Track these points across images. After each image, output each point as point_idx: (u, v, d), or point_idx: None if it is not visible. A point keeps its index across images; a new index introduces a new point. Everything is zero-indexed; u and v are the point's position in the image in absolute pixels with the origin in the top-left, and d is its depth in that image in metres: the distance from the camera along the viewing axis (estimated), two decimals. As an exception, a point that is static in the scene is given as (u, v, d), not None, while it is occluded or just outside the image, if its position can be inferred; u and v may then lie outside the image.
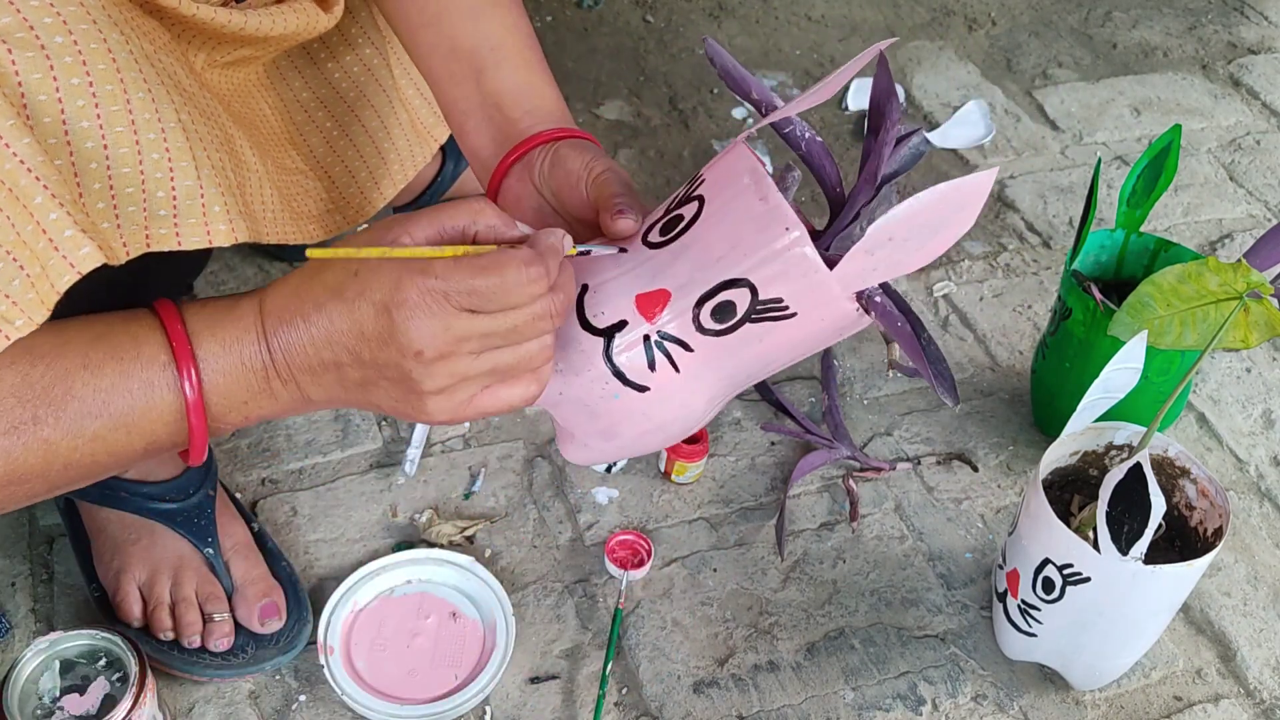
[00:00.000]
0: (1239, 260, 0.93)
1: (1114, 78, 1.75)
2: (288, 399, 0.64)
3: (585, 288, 0.68)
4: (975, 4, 1.89)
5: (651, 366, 0.67)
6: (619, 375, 0.67)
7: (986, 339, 1.33)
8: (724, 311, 0.65)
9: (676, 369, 0.67)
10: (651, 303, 0.66)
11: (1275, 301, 0.91)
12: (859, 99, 1.66)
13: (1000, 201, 1.52)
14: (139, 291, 0.76)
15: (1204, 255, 1.11)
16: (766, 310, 0.65)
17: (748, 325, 0.65)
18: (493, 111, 0.78)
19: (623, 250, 0.68)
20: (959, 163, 1.57)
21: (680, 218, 0.67)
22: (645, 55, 1.72)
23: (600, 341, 0.66)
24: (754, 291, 0.64)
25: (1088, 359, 1.10)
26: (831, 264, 0.64)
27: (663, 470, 1.15)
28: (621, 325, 0.66)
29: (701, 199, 0.67)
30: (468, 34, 0.79)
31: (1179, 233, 1.50)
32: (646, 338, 0.66)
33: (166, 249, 0.63)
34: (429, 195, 1.35)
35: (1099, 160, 1.12)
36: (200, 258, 0.87)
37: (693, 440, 1.13)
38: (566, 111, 0.81)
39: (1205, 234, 1.50)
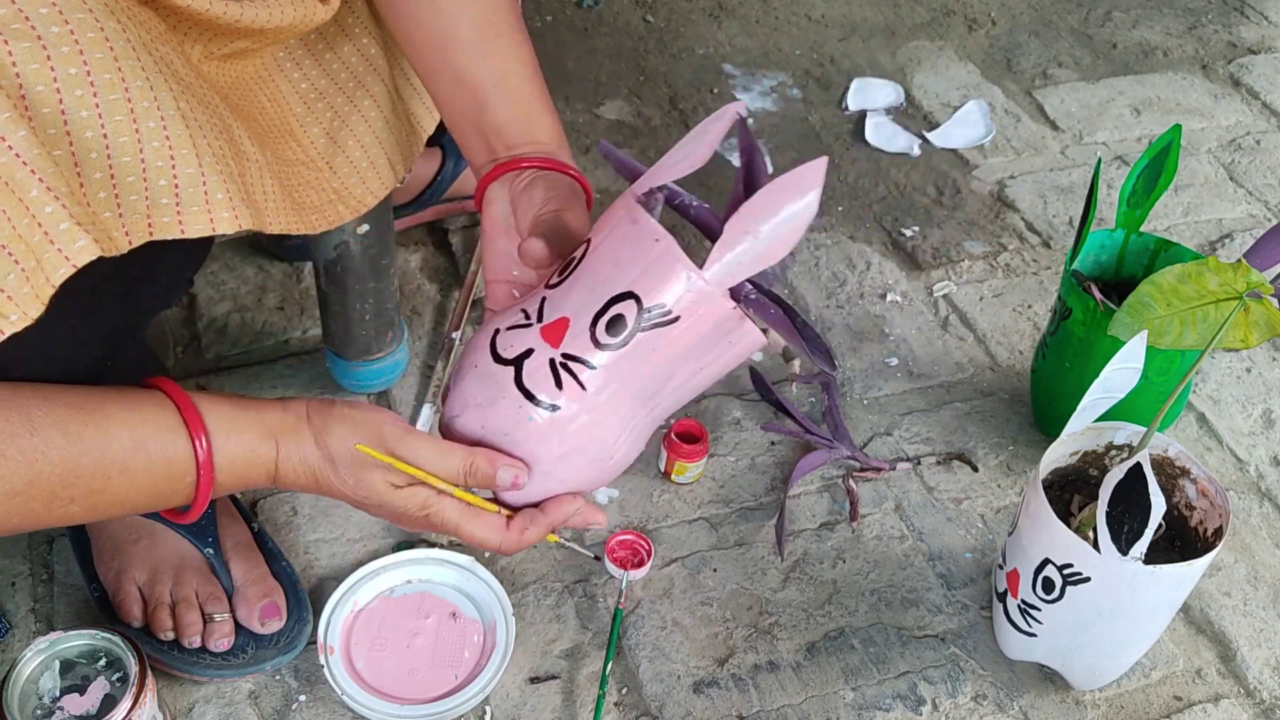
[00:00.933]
0: (1239, 260, 0.93)
1: (1114, 78, 1.75)
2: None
3: (496, 331, 0.75)
4: (975, 4, 1.89)
5: (559, 385, 0.72)
6: (530, 397, 0.73)
7: (986, 339, 1.33)
8: (616, 325, 0.71)
9: (583, 386, 0.72)
10: (554, 331, 0.72)
11: (1275, 301, 0.91)
12: (859, 99, 1.66)
13: (1000, 201, 1.52)
14: (142, 285, 0.76)
15: (1204, 255, 1.11)
16: (654, 319, 0.70)
17: (639, 335, 0.71)
18: (492, 138, 0.83)
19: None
20: (959, 163, 1.57)
21: (572, 259, 0.74)
22: (645, 55, 1.72)
23: (510, 370, 0.73)
24: (639, 301, 0.70)
25: (1088, 359, 1.10)
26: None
27: (663, 470, 1.15)
28: (529, 353, 0.73)
29: (588, 241, 0.74)
30: (472, 68, 0.83)
31: (1179, 233, 1.50)
32: (551, 360, 0.72)
33: (170, 236, 0.63)
34: (429, 194, 1.36)
35: (1099, 160, 1.12)
36: (200, 252, 0.87)
37: (693, 440, 1.13)
38: (562, 140, 0.85)
39: (1205, 234, 1.50)
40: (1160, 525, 0.93)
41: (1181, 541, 0.98)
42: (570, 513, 0.79)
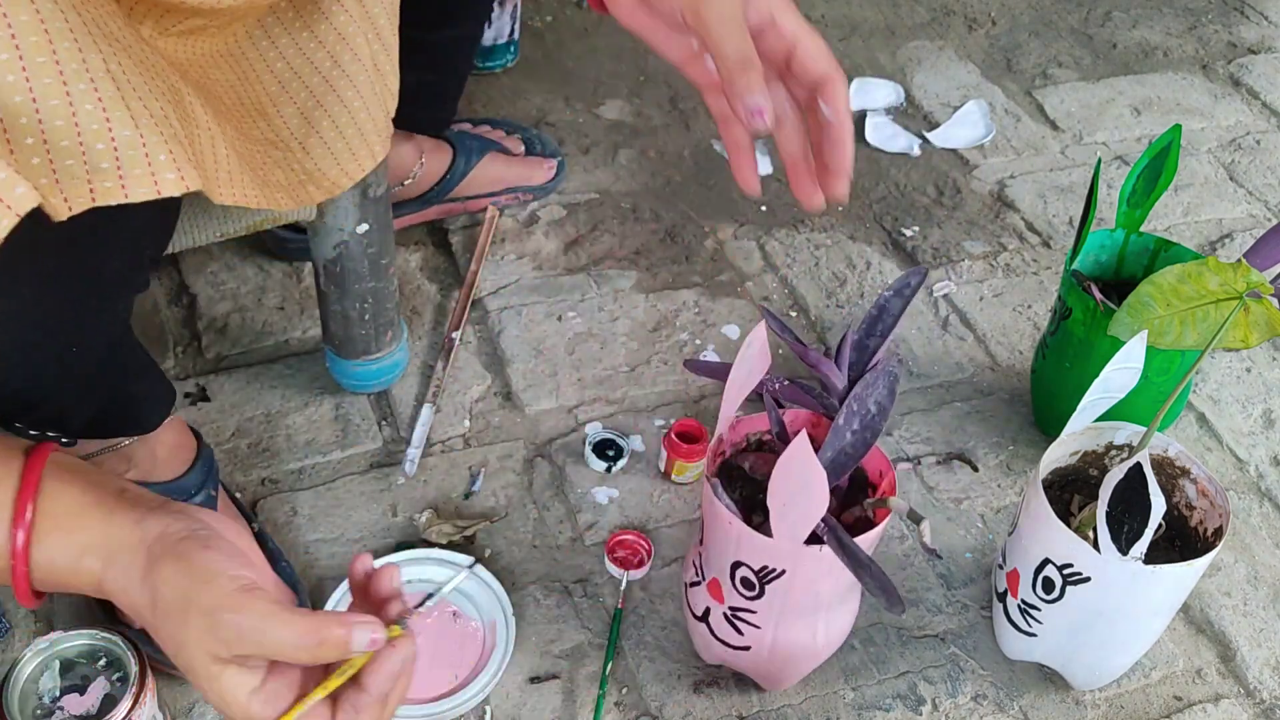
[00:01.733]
0: (1239, 260, 0.94)
1: (1114, 78, 1.75)
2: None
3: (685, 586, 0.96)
4: (975, 4, 1.89)
5: (739, 632, 0.91)
6: (724, 643, 0.93)
7: (986, 339, 1.33)
8: (746, 584, 0.87)
9: (757, 626, 0.90)
10: (715, 589, 0.90)
11: (1275, 301, 0.91)
12: (859, 99, 1.66)
13: (1000, 201, 1.52)
14: (96, 257, 0.74)
15: (1204, 255, 1.11)
16: (767, 574, 0.85)
17: (766, 588, 0.86)
18: None
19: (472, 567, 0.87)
20: (959, 163, 1.57)
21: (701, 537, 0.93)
22: (645, 55, 1.72)
23: (703, 625, 0.93)
24: (749, 566, 0.85)
25: (1088, 359, 1.10)
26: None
27: (663, 470, 1.15)
28: (708, 611, 0.92)
29: (702, 522, 0.91)
30: None
31: (1179, 233, 1.50)
32: (724, 614, 0.91)
33: (113, 202, 0.60)
34: (436, 192, 1.35)
35: (1099, 160, 1.12)
36: (159, 228, 0.85)
37: (693, 440, 1.13)
38: None
39: (1205, 234, 1.50)
40: (1160, 525, 0.93)
41: (1181, 541, 0.98)
42: (395, 669, 0.66)
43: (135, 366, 0.94)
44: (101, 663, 0.86)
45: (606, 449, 1.16)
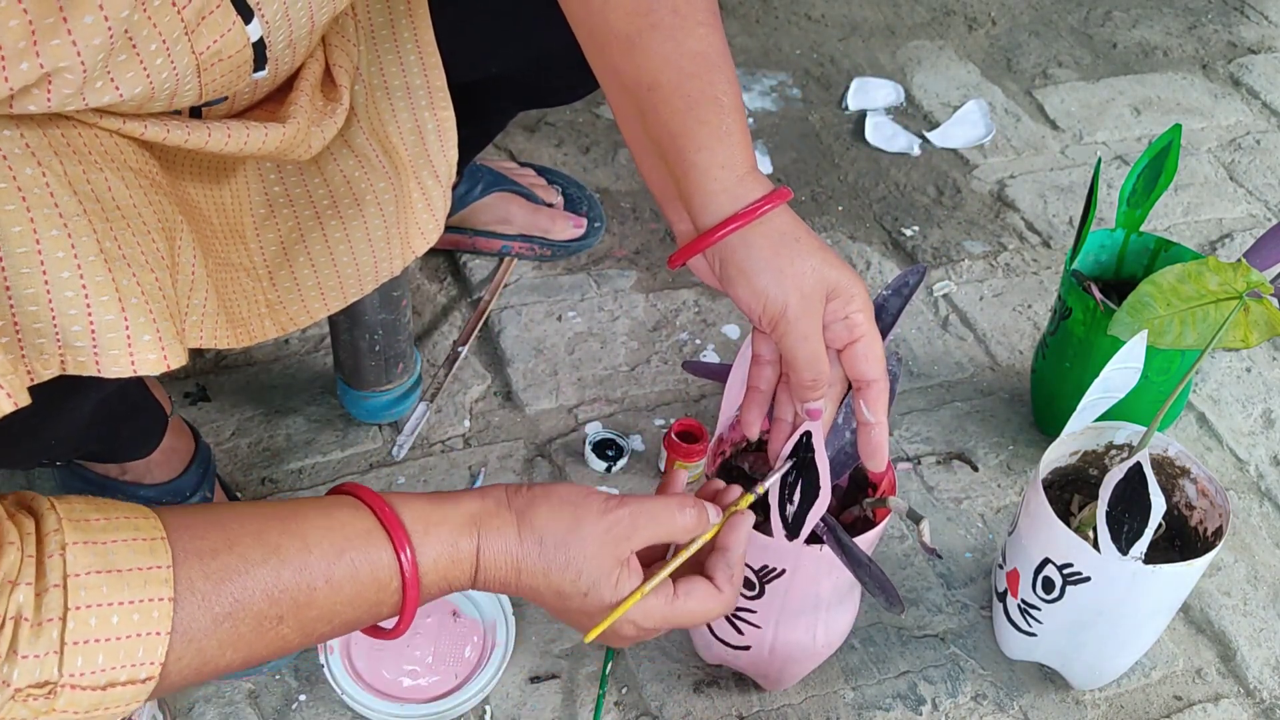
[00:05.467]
0: (1239, 260, 0.93)
1: (1114, 77, 1.75)
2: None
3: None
4: (975, 4, 1.89)
5: (739, 631, 0.91)
6: (724, 643, 0.92)
7: (986, 339, 1.33)
8: (746, 584, 0.87)
9: (757, 626, 0.90)
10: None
11: (1275, 301, 0.91)
12: (859, 99, 1.66)
13: (1000, 201, 1.52)
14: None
15: (1204, 255, 1.11)
16: (768, 574, 0.85)
17: (766, 587, 0.86)
18: (661, 168, 0.76)
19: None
20: (959, 162, 1.57)
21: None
22: (645, 55, 1.72)
23: (703, 625, 0.92)
24: (749, 566, 0.85)
25: (1088, 359, 1.10)
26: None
27: (663, 470, 1.15)
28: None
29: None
30: (627, 69, 0.75)
31: (1179, 232, 1.50)
32: (727, 617, 0.91)
33: (86, 374, 0.61)
34: None
35: (1099, 160, 1.12)
36: None
37: (692, 440, 1.13)
38: (732, 171, 0.73)
39: (1205, 234, 1.50)
40: (1160, 525, 0.93)
41: (1181, 541, 0.98)
42: (746, 536, 0.75)
43: (123, 411, 0.92)
44: (101, 662, 0.85)
45: (606, 448, 1.16)
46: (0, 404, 0.56)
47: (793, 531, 0.80)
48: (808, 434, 0.77)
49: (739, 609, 0.89)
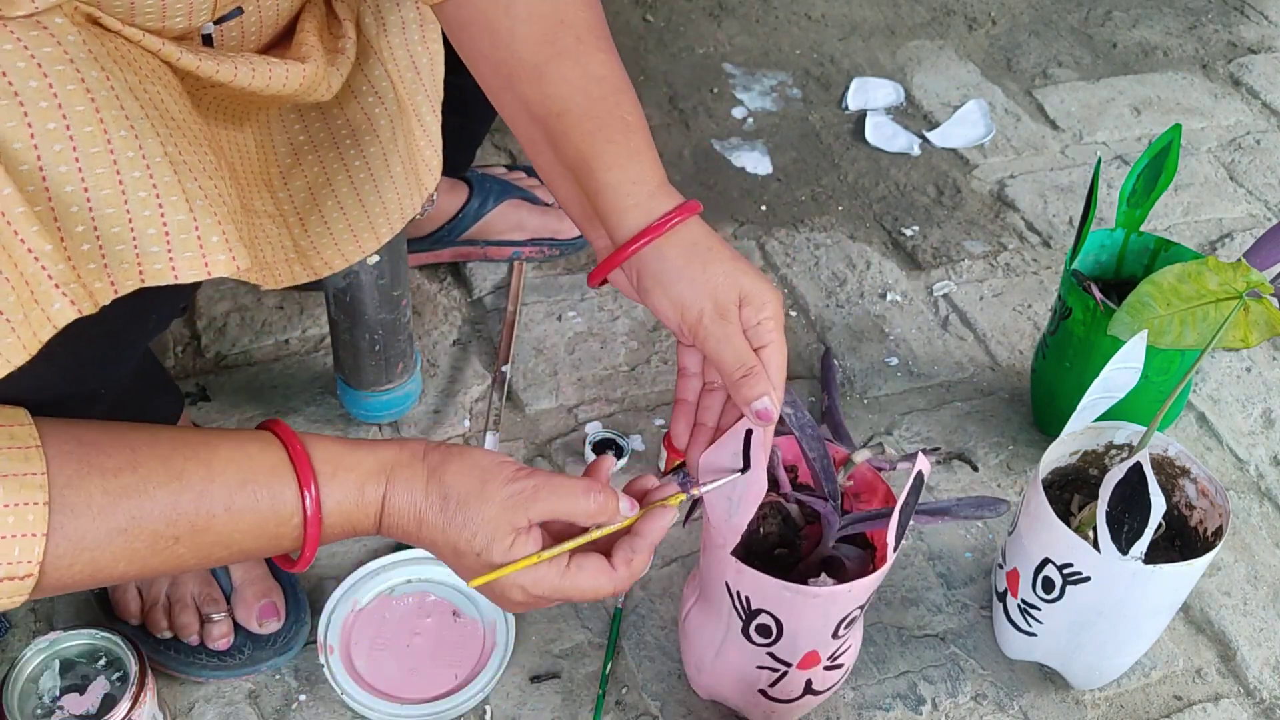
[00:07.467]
0: (1239, 260, 0.94)
1: (1114, 77, 1.75)
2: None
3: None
4: (975, 4, 1.89)
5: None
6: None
7: (986, 338, 1.33)
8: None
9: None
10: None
11: (1275, 301, 0.91)
12: (859, 98, 1.66)
13: (1000, 201, 1.52)
14: (133, 324, 0.75)
15: (1204, 255, 1.11)
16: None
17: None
18: (576, 191, 0.78)
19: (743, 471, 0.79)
20: (959, 162, 1.57)
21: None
22: (645, 55, 1.72)
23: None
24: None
25: (1088, 359, 1.10)
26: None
27: (662, 470, 1.15)
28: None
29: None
30: (536, 98, 0.77)
31: (1179, 232, 1.50)
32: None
33: (163, 283, 0.62)
34: (447, 230, 1.32)
35: (1099, 160, 1.12)
36: (192, 285, 0.85)
37: (693, 440, 1.13)
38: (643, 187, 0.76)
39: (1205, 233, 1.50)
40: (1160, 525, 0.93)
41: (1181, 541, 0.98)
42: (667, 525, 0.76)
43: (151, 385, 0.94)
44: (101, 662, 0.86)
45: (606, 448, 1.16)
46: (103, 294, 0.59)
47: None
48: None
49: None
